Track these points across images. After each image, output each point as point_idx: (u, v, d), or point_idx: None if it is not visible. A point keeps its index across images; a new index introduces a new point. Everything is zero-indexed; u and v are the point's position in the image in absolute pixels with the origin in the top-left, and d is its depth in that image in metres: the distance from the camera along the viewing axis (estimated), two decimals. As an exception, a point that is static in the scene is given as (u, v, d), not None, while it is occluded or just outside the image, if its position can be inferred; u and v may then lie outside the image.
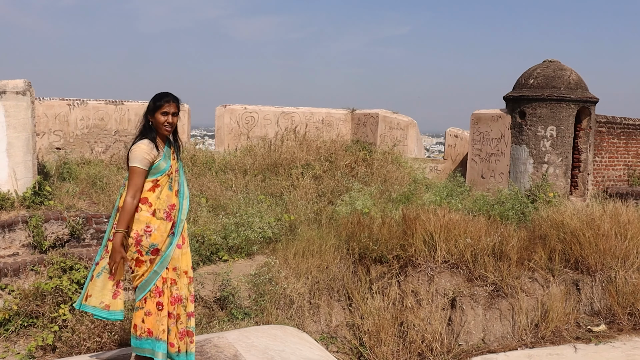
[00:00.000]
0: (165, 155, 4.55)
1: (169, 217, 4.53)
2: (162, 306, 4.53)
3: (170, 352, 4.57)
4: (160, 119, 4.49)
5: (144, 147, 4.42)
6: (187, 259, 4.65)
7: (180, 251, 4.59)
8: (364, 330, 8.01)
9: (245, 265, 8.66)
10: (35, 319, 6.97)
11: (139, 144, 4.46)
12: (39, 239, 7.81)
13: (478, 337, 8.39)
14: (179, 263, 4.58)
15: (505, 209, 11.15)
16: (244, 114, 16.55)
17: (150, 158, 4.41)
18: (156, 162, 4.47)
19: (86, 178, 11.36)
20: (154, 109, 4.50)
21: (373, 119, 16.99)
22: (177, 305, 4.59)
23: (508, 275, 8.56)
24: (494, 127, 13.52)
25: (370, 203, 10.55)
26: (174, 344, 4.56)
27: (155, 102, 4.50)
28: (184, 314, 4.64)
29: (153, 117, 4.51)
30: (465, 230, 8.90)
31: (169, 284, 4.55)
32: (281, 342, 6.28)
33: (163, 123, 4.49)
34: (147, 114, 4.55)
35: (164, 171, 4.52)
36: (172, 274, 4.55)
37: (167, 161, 4.55)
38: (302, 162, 12.65)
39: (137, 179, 4.38)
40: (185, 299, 4.65)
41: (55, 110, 14.18)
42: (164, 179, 4.54)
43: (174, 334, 4.58)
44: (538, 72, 13.04)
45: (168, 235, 4.53)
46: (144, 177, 4.41)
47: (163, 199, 4.51)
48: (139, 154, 4.39)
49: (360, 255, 8.80)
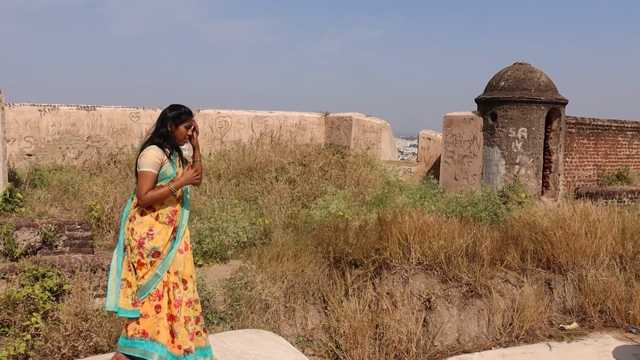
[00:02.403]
0: (173, 162, 4.72)
1: (171, 221, 4.67)
2: (160, 309, 4.60)
3: (177, 355, 4.61)
4: (182, 132, 4.71)
5: (155, 152, 4.60)
6: (190, 264, 4.79)
7: (182, 256, 4.72)
8: (340, 333, 8.03)
9: (220, 270, 8.64)
10: (6, 328, 6.87)
11: (149, 149, 4.63)
12: (10, 246, 7.70)
13: (453, 337, 8.45)
14: (181, 267, 4.70)
15: (478, 210, 11.27)
16: (217, 119, 16.51)
17: (160, 162, 4.60)
18: (164, 167, 4.63)
19: (58, 184, 11.24)
20: (179, 121, 4.70)
21: (347, 122, 17.05)
22: (181, 307, 4.66)
23: (481, 275, 8.65)
24: (466, 129, 13.65)
25: (344, 206, 10.58)
26: (182, 346, 4.61)
27: (181, 116, 4.70)
28: (194, 317, 4.77)
29: (176, 127, 4.71)
30: (439, 232, 8.97)
31: (171, 287, 4.64)
32: (257, 346, 6.29)
33: (184, 135, 4.72)
34: (165, 123, 4.71)
35: (170, 177, 4.67)
36: (174, 278, 4.65)
37: (175, 168, 4.72)
38: (277, 166, 12.66)
39: (150, 183, 4.56)
40: (195, 301, 4.80)
41: (25, 116, 14.03)
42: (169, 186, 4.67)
43: (183, 336, 4.62)
44: (509, 75, 13.20)
45: (170, 240, 4.65)
46: (154, 181, 4.58)
47: (166, 204, 4.67)
48: (151, 159, 4.57)
49: (335, 259, 8.82)
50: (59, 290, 7.26)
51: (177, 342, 4.62)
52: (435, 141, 15.97)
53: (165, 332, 4.61)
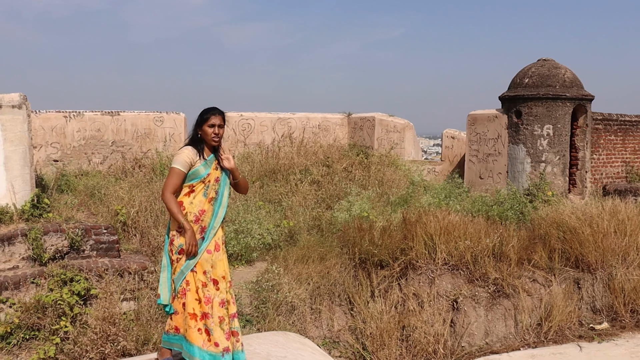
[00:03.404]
0: (207, 163, 4.80)
1: (197, 220, 4.75)
2: (185, 307, 4.71)
3: (214, 353, 4.64)
4: (207, 131, 4.79)
5: (186, 152, 4.75)
6: (222, 265, 4.83)
7: (210, 256, 4.76)
8: (367, 334, 8.00)
9: (245, 272, 8.65)
10: (36, 332, 6.96)
11: (183, 149, 4.80)
12: (39, 251, 7.79)
13: (481, 338, 8.37)
14: (209, 267, 4.75)
15: (504, 209, 11.16)
16: (240, 121, 16.56)
17: (190, 161, 4.71)
18: (195, 166, 4.74)
19: (84, 189, 11.35)
20: (201, 122, 4.82)
21: (369, 122, 17.00)
22: (214, 307, 4.70)
23: (509, 275, 8.56)
24: (490, 127, 13.54)
25: (368, 207, 10.54)
26: (219, 344, 4.66)
27: (203, 116, 4.83)
28: (227, 316, 4.80)
29: (201, 129, 4.82)
30: (465, 232, 8.89)
31: (199, 286, 4.71)
32: (283, 348, 6.27)
33: (211, 134, 4.78)
34: (195, 127, 4.86)
35: (200, 177, 4.77)
36: (202, 277, 4.72)
37: (207, 169, 4.80)
38: (300, 167, 12.66)
39: (176, 179, 4.69)
40: (227, 301, 4.82)
41: (51, 122, 14.18)
42: (200, 186, 4.79)
43: (219, 334, 4.67)
44: (533, 71, 13.07)
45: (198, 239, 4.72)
46: (181, 178, 4.70)
47: (195, 204, 4.76)
48: (181, 157, 4.72)
49: (361, 260, 8.79)
50: (86, 295, 7.32)
51: (213, 339, 4.66)
52: (459, 140, 15.85)
53: (195, 333, 4.64)
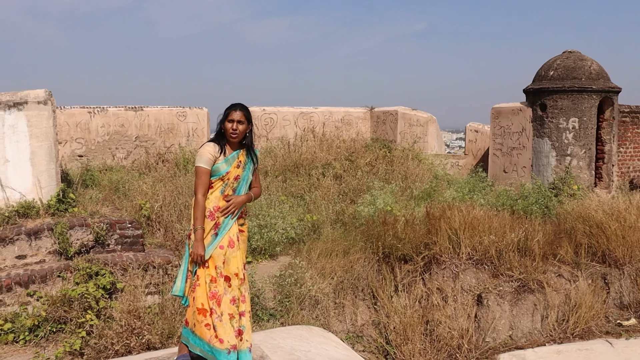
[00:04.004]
0: (228, 160, 4.81)
1: (212, 216, 4.76)
2: (195, 301, 4.72)
3: (220, 349, 4.61)
4: (226, 126, 4.81)
5: (208, 148, 4.77)
6: (236, 262, 4.82)
7: (222, 252, 4.75)
8: (390, 329, 7.97)
9: (269, 267, 8.66)
10: (63, 325, 7.03)
11: (205, 145, 4.82)
12: (65, 245, 7.87)
13: (505, 333, 8.30)
14: (220, 262, 4.74)
15: (529, 203, 11.05)
16: (262, 116, 16.57)
17: (212, 158, 4.74)
18: (217, 163, 4.76)
19: (109, 184, 11.44)
20: (223, 118, 4.85)
21: (392, 116, 16.92)
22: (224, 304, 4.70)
23: (534, 270, 8.47)
24: (514, 120, 13.41)
25: (391, 201, 10.50)
26: (224, 340, 4.63)
27: (225, 111, 4.86)
28: (237, 314, 4.80)
29: (223, 125, 4.84)
30: (489, 227, 8.81)
31: (207, 281, 4.70)
32: (307, 342, 6.27)
33: (229, 130, 4.80)
34: (219, 123, 4.89)
35: (220, 175, 4.78)
36: (213, 272, 4.72)
37: (227, 167, 4.80)
38: (323, 161, 12.64)
39: (203, 178, 4.73)
40: (237, 299, 4.81)
41: (76, 118, 14.31)
42: (218, 183, 4.81)
43: (227, 331, 4.66)
44: (558, 64, 12.91)
45: (210, 234, 4.74)
46: (208, 176, 4.75)
47: (211, 199, 4.78)
48: (203, 155, 4.74)
49: (385, 254, 8.76)
50: (112, 288, 7.38)
51: (219, 335, 4.64)
52: (482, 134, 15.73)
53: (204, 328, 4.65)
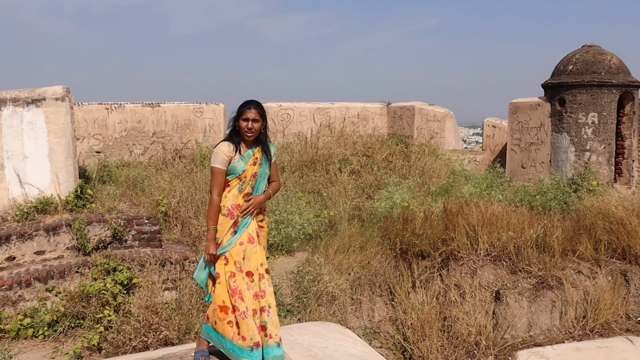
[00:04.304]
0: (244, 158, 4.78)
1: (231, 214, 4.73)
2: (214, 299, 4.70)
3: (242, 346, 4.58)
4: (241, 125, 4.77)
5: (223, 148, 4.72)
6: (256, 257, 4.80)
7: (242, 248, 4.73)
8: (408, 325, 7.93)
9: (286, 263, 8.66)
10: (81, 320, 7.08)
11: (219, 145, 4.77)
12: (83, 241, 7.91)
13: (524, 330, 8.23)
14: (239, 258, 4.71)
15: (548, 199, 10.95)
16: (279, 111, 16.55)
17: (228, 158, 4.70)
18: (232, 162, 4.73)
19: (126, 180, 11.49)
20: (237, 116, 4.81)
21: (409, 111, 16.84)
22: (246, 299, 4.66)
23: (553, 266, 8.39)
24: (533, 115, 13.29)
25: (409, 197, 10.45)
26: (246, 338, 4.59)
27: (239, 109, 4.81)
28: (259, 309, 4.77)
29: (238, 123, 4.80)
30: (508, 223, 8.74)
31: (226, 277, 4.67)
32: (324, 338, 6.25)
33: (244, 128, 4.75)
34: (233, 120, 4.85)
35: (236, 173, 4.75)
36: (232, 267, 4.69)
37: (243, 165, 4.77)
38: (339, 157, 12.61)
39: (218, 178, 4.71)
40: (256, 295, 4.78)
41: (93, 114, 14.37)
42: (235, 181, 4.78)
43: (249, 328, 4.61)
44: (577, 58, 12.76)
45: (229, 232, 4.71)
46: (224, 176, 4.72)
47: (229, 197, 4.75)
48: (218, 155, 4.70)
49: (402, 250, 8.72)
50: (129, 284, 7.42)
51: (241, 332, 4.61)
52: (500, 129, 15.60)
53: (226, 325, 4.62)
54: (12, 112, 8.44)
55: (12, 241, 7.84)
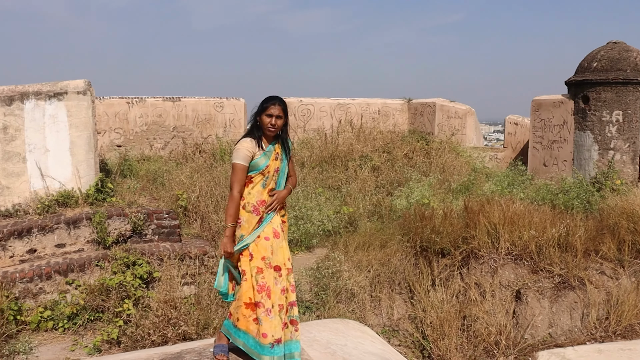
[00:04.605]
0: (266, 154, 4.73)
1: (256, 211, 4.69)
2: (239, 295, 4.66)
3: (263, 344, 4.55)
4: (264, 120, 4.69)
5: (245, 144, 4.66)
6: (282, 252, 4.75)
7: (269, 243, 4.68)
8: (427, 324, 7.87)
9: (305, 259, 8.63)
10: (101, 314, 7.10)
11: (242, 141, 4.70)
12: (103, 235, 7.94)
13: (544, 330, 8.14)
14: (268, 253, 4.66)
15: (570, 198, 10.81)
16: (299, 107, 16.52)
17: (250, 154, 4.64)
18: (255, 158, 4.67)
19: (146, 174, 11.53)
20: (260, 111, 4.74)
21: (430, 108, 16.72)
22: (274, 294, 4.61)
23: (575, 267, 8.28)
24: (555, 113, 13.14)
25: (429, 193, 10.37)
26: (267, 334, 4.54)
27: (262, 104, 4.74)
28: (286, 304, 4.72)
29: (260, 118, 4.73)
30: (529, 221, 8.63)
31: (253, 273, 4.62)
32: (343, 336, 6.21)
33: (267, 124, 4.69)
34: (255, 115, 4.79)
35: (259, 169, 4.70)
36: (260, 263, 4.64)
37: (266, 160, 4.72)
38: (360, 153, 12.55)
39: (240, 175, 4.65)
40: (286, 289, 4.73)
41: (115, 108, 14.44)
42: (258, 177, 4.72)
43: (274, 325, 4.57)
44: (602, 55, 12.58)
45: (255, 229, 4.67)
46: (245, 173, 4.66)
47: (253, 194, 4.70)
48: (241, 152, 4.64)
49: (422, 248, 8.65)
50: (148, 278, 7.43)
51: (262, 329, 4.56)
52: (522, 126, 15.45)
53: (250, 322, 4.58)
54: (35, 105, 8.49)
55: (34, 234, 7.89)
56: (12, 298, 7.06)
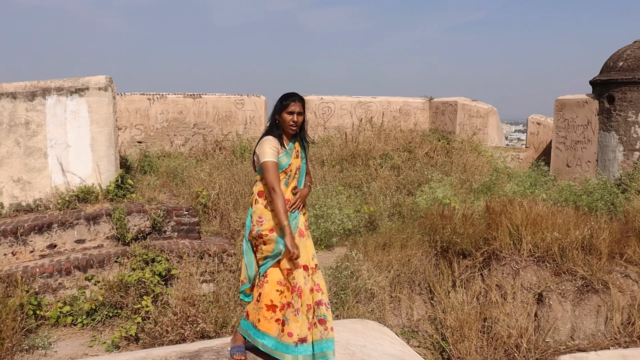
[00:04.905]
0: (288, 152, 4.66)
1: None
2: (260, 297, 4.56)
3: (287, 343, 4.49)
4: (286, 118, 4.61)
5: (270, 142, 4.57)
6: (306, 251, 4.66)
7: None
8: (447, 325, 7.78)
9: (325, 258, 8.57)
10: (119, 310, 7.10)
11: (264, 139, 4.60)
12: (122, 231, 7.94)
13: (567, 334, 8.01)
14: None
15: (594, 199, 10.64)
16: (320, 105, 16.47)
17: (276, 150, 4.56)
18: (279, 156, 4.59)
19: (166, 171, 11.54)
20: (280, 109, 4.64)
21: (452, 107, 16.59)
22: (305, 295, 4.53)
23: (599, 270, 8.13)
24: (579, 113, 12.95)
25: (450, 193, 10.27)
26: (293, 333, 4.47)
27: (282, 102, 4.65)
28: (313, 303, 4.63)
29: (280, 116, 4.65)
30: (553, 223, 8.50)
31: (285, 275, 4.55)
32: (362, 336, 6.15)
33: (289, 122, 4.61)
34: (274, 113, 4.69)
35: (282, 168, 4.62)
36: (288, 264, 4.55)
37: (289, 159, 4.65)
38: (380, 152, 12.47)
39: (275, 172, 4.53)
40: (311, 289, 4.65)
41: (136, 104, 14.48)
42: (281, 176, 4.63)
43: (299, 323, 4.49)
44: (628, 54, 12.37)
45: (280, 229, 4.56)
46: (277, 169, 4.55)
47: None
48: (267, 148, 4.54)
49: (443, 248, 8.56)
50: (167, 275, 7.41)
51: (287, 329, 4.50)
52: (545, 126, 15.27)
53: (272, 323, 4.52)
54: (56, 101, 8.51)
55: (54, 229, 7.91)
56: (32, 293, 7.09)
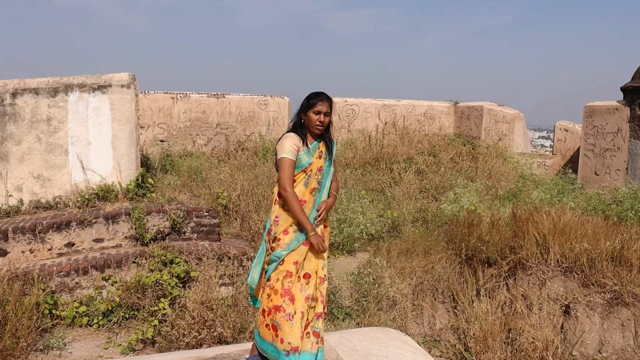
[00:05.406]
0: (310, 151, 4.53)
1: None
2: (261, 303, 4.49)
3: (280, 349, 4.34)
4: (312, 118, 4.49)
5: (290, 139, 4.45)
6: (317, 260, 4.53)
7: (306, 248, 4.46)
8: (470, 335, 7.57)
9: (346, 263, 8.41)
10: (136, 312, 6.98)
11: (285, 136, 4.49)
12: (141, 231, 7.83)
13: (594, 348, 7.75)
14: (301, 259, 4.45)
15: (624, 209, 10.36)
16: (344, 107, 16.31)
17: (296, 148, 4.43)
18: (299, 154, 4.46)
19: (187, 170, 11.45)
20: (307, 107, 4.52)
21: (477, 112, 16.35)
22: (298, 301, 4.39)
23: (630, 282, 7.87)
24: (609, 120, 12.66)
25: (476, 200, 10.05)
26: (284, 340, 4.33)
27: (309, 101, 4.52)
28: (312, 314, 4.50)
29: (306, 115, 4.54)
30: (582, 233, 8.25)
31: (280, 278, 4.41)
32: (384, 346, 5.97)
33: (315, 122, 4.49)
34: (299, 112, 4.58)
35: (302, 167, 4.49)
36: (290, 267, 4.42)
37: (310, 158, 4.52)
38: (404, 156, 12.28)
39: (290, 170, 4.41)
40: (314, 299, 4.51)
41: (159, 103, 14.43)
42: (301, 176, 4.51)
43: (293, 331, 4.34)
44: (661, 62, 12.06)
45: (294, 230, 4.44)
46: (293, 167, 4.42)
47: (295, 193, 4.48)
48: (286, 145, 4.42)
49: (467, 256, 8.35)
50: (185, 277, 7.29)
51: (280, 335, 4.33)
52: (572, 133, 14.97)
53: (263, 328, 4.38)
54: (78, 97, 8.44)
55: (72, 227, 7.83)
56: (48, 292, 6.99)
